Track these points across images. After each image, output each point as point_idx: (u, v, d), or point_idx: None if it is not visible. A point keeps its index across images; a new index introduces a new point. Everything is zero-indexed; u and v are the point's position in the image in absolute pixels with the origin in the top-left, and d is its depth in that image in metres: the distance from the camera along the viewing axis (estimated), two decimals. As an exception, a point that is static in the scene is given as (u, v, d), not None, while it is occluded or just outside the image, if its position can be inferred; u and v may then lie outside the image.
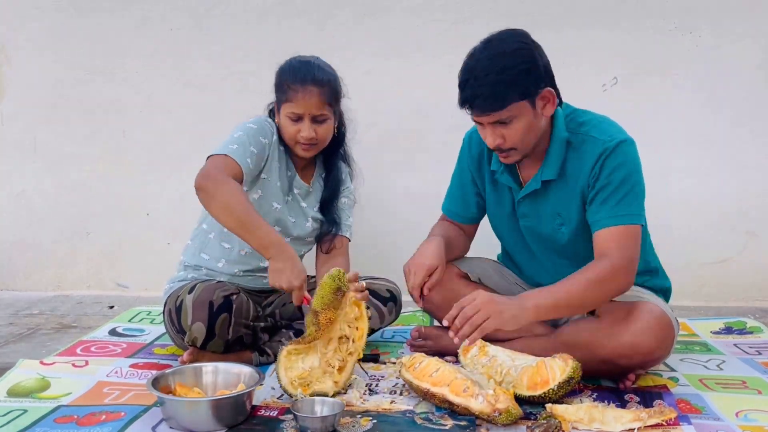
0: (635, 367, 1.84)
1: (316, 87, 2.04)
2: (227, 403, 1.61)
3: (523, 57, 1.75)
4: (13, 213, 3.11)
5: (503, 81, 1.72)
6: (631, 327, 1.78)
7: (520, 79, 1.74)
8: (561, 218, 1.93)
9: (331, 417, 1.57)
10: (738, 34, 2.77)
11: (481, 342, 1.89)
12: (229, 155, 1.96)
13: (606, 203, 1.82)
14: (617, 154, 1.82)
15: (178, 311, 1.92)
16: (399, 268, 2.29)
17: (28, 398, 1.78)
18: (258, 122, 2.09)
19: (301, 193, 2.20)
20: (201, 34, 2.97)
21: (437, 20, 2.87)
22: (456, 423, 1.61)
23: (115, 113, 3.03)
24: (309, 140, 2.05)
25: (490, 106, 1.75)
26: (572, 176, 1.89)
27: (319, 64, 2.11)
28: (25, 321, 2.65)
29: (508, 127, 1.78)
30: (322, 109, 2.05)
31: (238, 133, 2.04)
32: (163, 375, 1.72)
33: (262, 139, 2.06)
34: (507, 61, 1.73)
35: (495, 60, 1.74)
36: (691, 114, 2.83)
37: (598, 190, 1.84)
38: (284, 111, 2.06)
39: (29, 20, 3.01)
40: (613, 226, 1.81)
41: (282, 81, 2.08)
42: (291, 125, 2.06)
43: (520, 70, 1.73)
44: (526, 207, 1.98)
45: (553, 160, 1.89)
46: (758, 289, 2.87)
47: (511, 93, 1.73)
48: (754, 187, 2.82)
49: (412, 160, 2.97)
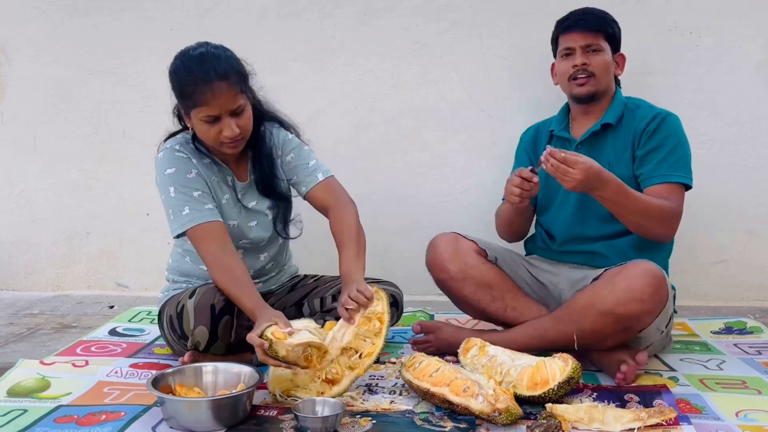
0: (632, 319, 1.84)
1: (222, 81, 1.83)
2: (227, 403, 1.61)
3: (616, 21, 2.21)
4: (13, 213, 3.11)
5: (604, 16, 2.18)
6: (625, 274, 1.85)
7: (613, 24, 2.19)
8: (611, 166, 2.04)
9: (333, 417, 1.57)
10: (738, 34, 2.77)
11: (481, 342, 1.91)
12: (194, 225, 1.89)
13: (664, 161, 2.03)
14: (671, 121, 2.09)
15: (180, 317, 1.91)
16: (398, 268, 2.30)
17: (28, 398, 1.78)
18: (171, 161, 1.96)
19: (243, 193, 2.07)
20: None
21: (437, 20, 2.87)
22: (455, 425, 1.61)
23: (116, 113, 3.03)
24: (233, 138, 1.89)
25: (592, 25, 2.13)
26: (627, 131, 2.12)
27: (215, 53, 1.88)
28: (25, 321, 2.65)
29: (595, 54, 2.13)
30: (237, 101, 1.87)
31: (170, 189, 1.93)
32: (163, 375, 1.72)
33: (189, 175, 1.95)
34: (607, 13, 2.20)
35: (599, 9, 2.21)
36: (690, 114, 2.82)
37: (653, 148, 2.05)
38: (197, 116, 1.87)
39: (29, 20, 3.01)
40: (670, 182, 2.02)
41: (183, 85, 1.87)
42: (209, 128, 1.87)
43: (614, 20, 2.20)
44: (584, 151, 2.04)
45: (614, 108, 2.16)
46: (758, 289, 2.87)
47: (606, 27, 2.15)
48: (754, 186, 2.82)
49: (412, 160, 2.97)
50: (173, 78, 1.92)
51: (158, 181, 1.98)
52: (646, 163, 2.06)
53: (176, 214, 1.93)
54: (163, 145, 2.05)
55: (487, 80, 2.86)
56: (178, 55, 1.93)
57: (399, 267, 2.37)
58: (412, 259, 2.26)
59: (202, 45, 1.93)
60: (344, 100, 2.93)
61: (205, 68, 1.84)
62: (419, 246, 2.25)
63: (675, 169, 2.03)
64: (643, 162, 2.07)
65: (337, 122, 2.94)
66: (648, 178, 2.05)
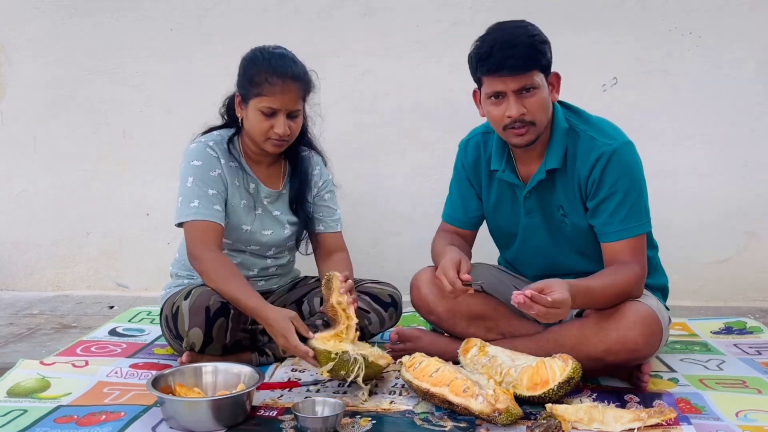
0: (622, 364, 1.84)
1: (294, 82, 1.94)
2: (227, 403, 1.61)
3: (542, 33, 1.85)
4: (13, 213, 3.11)
5: (533, 45, 1.80)
6: (617, 323, 1.79)
7: (544, 49, 1.82)
8: (563, 210, 1.95)
9: (332, 417, 1.57)
10: (737, 34, 2.77)
11: (480, 342, 1.90)
12: (198, 219, 1.93)
13: (615, 214, 1.85)
14: (618, 159, 1.84)
15: (175, 317, 1.91)
16: (398, 268, 2.30)
17: (28, 398, 1.78)
18: (200, 155, 2.00)
19: (271, 200, 2.12)
20: (201, 34, 2.97)
21: (437, 20, 2.87)
22: (455, 424, 1.61)
23: (115, 113, 3.03)
24: (282, 136, 1.96)
25: (522, 66, 1.78)
26: (573, 170, 1.90)
27: (293, 57, 2.00)
28: (25, 321, 2.65)
29: (530, 96, 1.80)
30: (297, 105, 1.97)
31: (189, 179, 1.97)
32: (163, 375, 1.72)
33: (212, 173, 1.99)
34: (532, 30, 1.83)
35: (522, 29, 1.82)
36: (690, 114, 2.83)
37: (603, 198, 1.86)
38: (256, 105, 1.94)
39: (29, 20, 3.01)
40: (625, 239, 1.86)
41: (255, 73, 1.95)
42: (263, 120, 1.95)
43: (543, 40, 1.83)
44: (532, 202, 1.98)
45: (556, 149, 1.90)
46: (758, 289, 2.87)
47: (539, 58, 1.80)
48: (754, 186, 2.82)
49: (412, 160, 2.97)
50: (248, 64, 1.99)
51: (181, 169, 2.02)
52: (598, 214, 1.88)
53: (185, 204, 1.97)
54: (199, 137, 2.09)
55: (487, 80, 2.85)
56: (256, 48, 2.01)
57: (398, 268, 2.38)
58: (411, 261, 2.26)
59: (281, 47, 2.02)
60: (344, 99, 2.93)
61: (283, 64, 1.95)
62: (418, 247, 2.25)
63: (630, 220, 1.84)
64: (595, 213, 1.88)
65: (337, 122, 2.94)
66: (603, 233, 1.88)
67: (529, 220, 2.01)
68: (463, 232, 2.16)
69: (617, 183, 1.84)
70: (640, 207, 1.87)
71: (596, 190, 1.86)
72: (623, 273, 1.83)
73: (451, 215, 2.17)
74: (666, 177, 2.81)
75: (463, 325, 2.01)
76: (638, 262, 1.86)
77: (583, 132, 1.89)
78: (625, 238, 1.85)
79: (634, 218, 1.85)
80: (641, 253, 1.87)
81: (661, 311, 1.87)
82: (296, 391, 1.85)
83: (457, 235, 2.14)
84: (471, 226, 2.16)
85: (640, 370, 1.85)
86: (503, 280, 2.15)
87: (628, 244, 1.86)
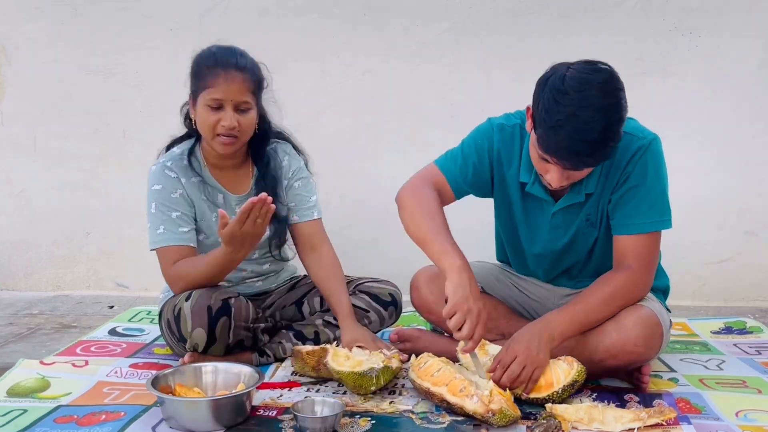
0: (623, 367, 1.83)
1: (239, 72, 1.91)
2: (227, 403, 1.61)
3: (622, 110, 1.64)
4: (13, 213, 3.11)
5: (606, 140, 1.61)
6: (617, 326, 1.77)
7: (619, 134, 1.65)
8: (592, 224, 1.89)
9: (332, 417, 1.57)
10: (738, 34, 2.77)
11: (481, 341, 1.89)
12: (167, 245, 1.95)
13: (639, 207, 1.79)
14: (651, 153, 1.79)
15: (177, 319, 1.90)
16: (398, 268, 2.29)
17: (28, 398, 1.78)
18: (159, 178, 1.99)
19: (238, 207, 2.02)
20: (201, 34, 2.96)
21: (437, 21, 2.87)
22: (453, 419, 1.62)
23: (116, 113, 3.03)
24: (230, 130, 1.90)
25: (586, 163, 1.66)
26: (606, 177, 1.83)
27: (242, 51, 1.98)
28: (25, 321, 2.65)
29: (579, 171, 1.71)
30: (245, 96, 1.92)
31: (152, 205, 1.98)
32: (163, 375, 1.71)
33: (173, 195, 1.99)
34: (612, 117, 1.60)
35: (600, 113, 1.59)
36: (691, 114, 2.83)
37: (629, 188, 1.80)
38: (203, 99, 1.92)
39: (29, 20, 3.01)
40: (643, 233, 1.80)
41: (200, 67, 1.94)
42: (210, 114, 1.91)
43: (620, 126, 1.64)
44: (559, 219, 1.91)
45: (595, 172, 1.81)
46: (758, 289, 2.87)
47: (610, 150, 1.65)
48: (755, 187, 2.82)
49: (411, 161, 2.95)
50: (195, 60, 1.99)
51: (147, 193, 2.03)
52: (621, 207, 1.81)
53: (152, 231, 1.99)
54: (162, 155, 2.09)
55: (487, 80, 2.86)
56: (208, 46, 2.01)
57: (398, 268, 2.37)
58: (412, 260, 2.25)
59: (233, 46, 2.01)
60: (344, 100, 2.93)
61: (227, 55, 1.94)
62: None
63: (653, 214, 1.80)
64: (618, 205, 1.82)
65: (337, 122, 2.95)
66: (621, 225, 1.82)
67: (553, 234, 1.94)
68: (447, 192, 1.95)
69: (646, 175, 1.79)
70: (664, 203, 1.82)
71: (626, 180, 1.80)
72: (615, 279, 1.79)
73: (451, 171, 1.95)
74: (666, 177, 2.81)
75: None
76: (643, 260, 1.80)
77: None
78: (643, 233, 1.79)
79: (657, 213, 1.80)
80: (650, 253, 1.82)
81: (662, 314, 1.86)
82: (296, 391, 1.85)
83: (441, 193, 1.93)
84: (458, 193, 1.96)
85: (640, 371, 1.85)
86: (503, 279, 2.14)
87: (645, 240, 1.80)
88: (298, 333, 2.09)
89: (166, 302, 2.01)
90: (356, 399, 1.77)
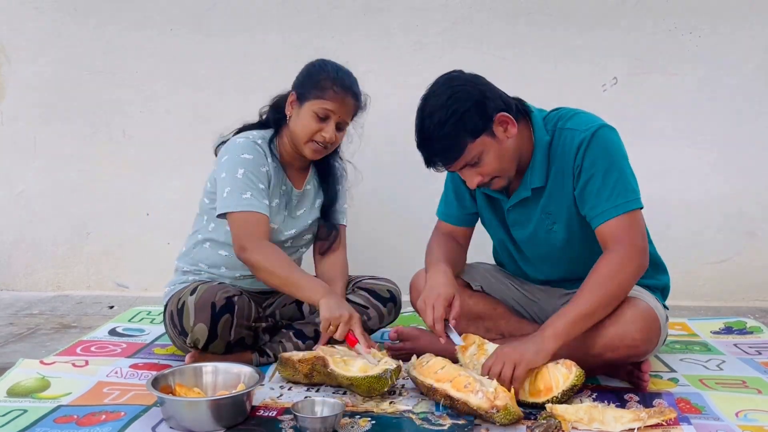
0: (621, 360, 1.84)
1: (354, 98, 2.06)
2: (227, 403, 1.61)
3: (458, 103, 1.74)
4: (13, 213, 3.11)
5: (447, 135, 1.74)
6: (616, 320, 1.78)
7: (463, 124, 1.74)
8: (551, 216, 1.91)
9: (332, 418, 1.57)
10: (738, 34, 2.77)
11: (480, 340, 1.90)
12: (249, 210, 1.96)
13: (600, 195, 1.80)
14: (596, 142, 1.81)
15: (180, 313, 1.92)
16: (399, 268, 2.30)
17: (28, 398, 1.78)
18: (250, 149, 2.03)
19: (297, 201, 2.18)
20: (201, 35, 2.97)
21: (437, 20, 2.88)
22: (454, 422, 1.62)
23: (115, 113, 3.03)
24: (327, 142, 2.03)
25: (449, 159, 1.78)
26: (559, 174, 1.87)
27: (355, 78, 2.11)
28: (25, 321, 2.65)
29: (479, 165, 1.79)
30: (349, 118, 2.07)
31: (239, 170, 1.99)
32: (163, 375, 1.72)
33: (262, 169, 2.03)
34: (443, 114, 1.74)
35: (433, 117, 1.75)
36: (690, 114, 2.84)
37: (586, 181, 1.82)
38: (312, 106, 2.01)
39: (29, 20, 3.01)
40: (614, 217, 1.79)
41: (322, 78, 2.03)
42: (314, 122, 2.02)
43: (459, 117, 1.74)
44: (516, 215, 1.96)
45: (539, 166, 1.87)
46: (758, 289, 2.87)
47: (461, 140, 1.75)
48: (754, 187, 2.83)
49: (412, 160, 2.95)
50: (317, 69, 2.07)
51: (227, 160, 2.02)
52: (585, 200, 1.83)
53: (235, 194, 1.97)
54: (238, 134, 2.12)
55: (488, 79, 2.85)
56: (324, 59, 2.12)
57: (398, 267, 2.38)
58: (412, 260, 2.26)
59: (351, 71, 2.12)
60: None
61: (348, 80, 2.07)
62: (419, 246, 2.24)
63: (616, 197, 1.79)
64: (582, 200, 1.84)
65: (337, 122, 2.95)
66: (593, 217, 1.82)
67: (517, 232, 1.99)
68: (459, 231, 2.12)
69: (596, 163, 1.80)
70: (625, 184, 1.81)
71: (579, 174, 1.82)
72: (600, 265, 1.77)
73: (447, 212, 2.14)
74: (666, 177, 2.81)
75: (463, 325, 1.99)
76: (630, 240, 1.78)
77: (562, 130, 1.87)
78: (614, 217, 1.78)
79: (620, 195, 1.79)
80: (633, 232, 1.79)
81: (658, 309, 1.87)
82: (296, 390, 1.85)
83: (453, 237, 2.11)
84: (467, 223, 2.12)
85: (640, 369, 1.85)
86: (502, 279, 2.15)
87: (619, 222, 1.78)
88: (298, 332, 2.09)
89: (172, 295, 2.02)
90: (357, 399, 1.77)
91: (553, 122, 1.90)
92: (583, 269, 1.91)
